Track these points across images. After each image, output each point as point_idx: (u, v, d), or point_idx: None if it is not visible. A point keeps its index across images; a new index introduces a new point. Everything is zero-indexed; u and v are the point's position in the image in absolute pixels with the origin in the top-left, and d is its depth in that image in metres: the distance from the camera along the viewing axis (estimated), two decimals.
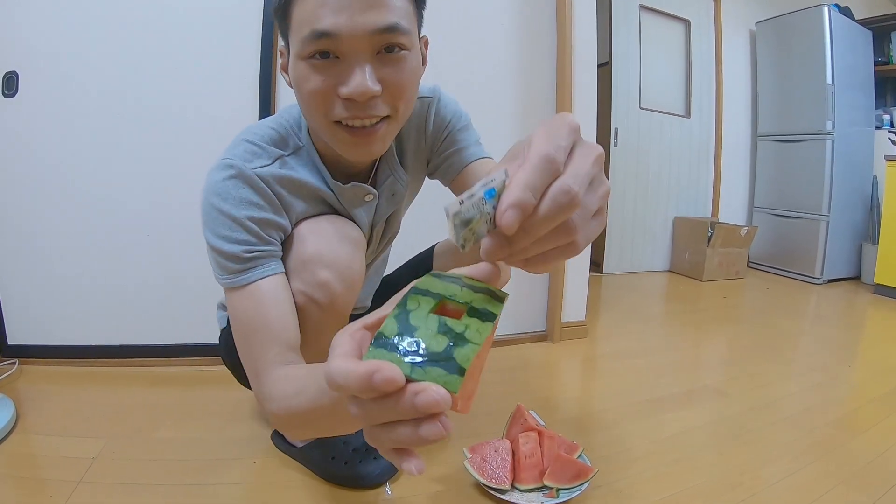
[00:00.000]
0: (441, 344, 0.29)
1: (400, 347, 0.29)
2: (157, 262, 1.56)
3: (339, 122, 0.69)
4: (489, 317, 0.32)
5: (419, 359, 0.28)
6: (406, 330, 0.30)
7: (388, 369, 0.27)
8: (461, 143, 0.94)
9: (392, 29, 0.63)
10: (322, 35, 0.62)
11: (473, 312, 0.32)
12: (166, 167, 1.54)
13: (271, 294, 0.73)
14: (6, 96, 1.45)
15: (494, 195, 0.30)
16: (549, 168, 0.29)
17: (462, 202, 0.30)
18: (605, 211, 0.35)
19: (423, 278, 0.34)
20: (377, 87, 0.65)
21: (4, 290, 1.53)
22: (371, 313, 0.35)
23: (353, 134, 0.70)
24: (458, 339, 0.30)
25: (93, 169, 1.51)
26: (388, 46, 0.65)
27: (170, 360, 1.58)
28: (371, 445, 0.31)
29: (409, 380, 0.27)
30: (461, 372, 0.28)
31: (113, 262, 1.55)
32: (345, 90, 0.65)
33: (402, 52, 0.66)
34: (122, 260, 1.55)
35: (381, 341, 0.30)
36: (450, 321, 0.30)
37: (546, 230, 0.30)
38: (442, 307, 0.32)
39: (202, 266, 0.80)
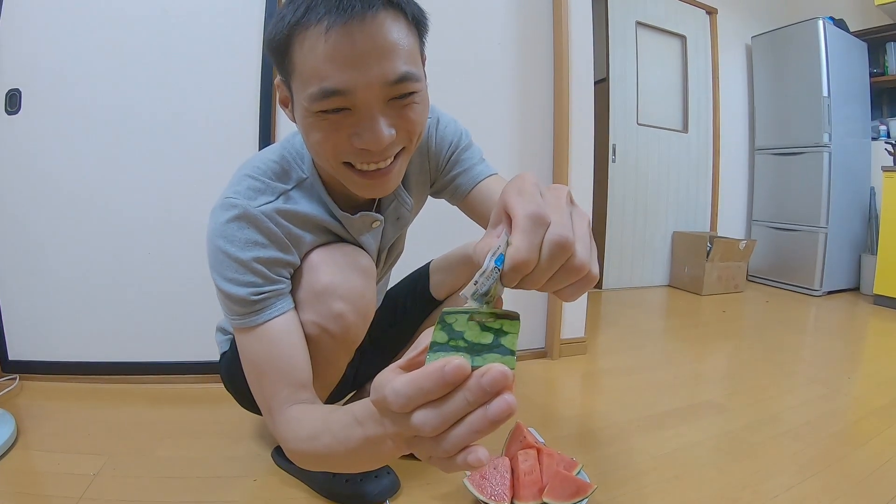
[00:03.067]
0: (488, 338, 0.34)
1: (454, 347, 0.34)
2: (158, 279, 1.57)
3: (350, 165, 0.68)
4: (514, 316, 0.36)
5: (474, 352, 0.33)
6: (454, 335, 0.35)
7: (455, 360, 0.31)
8: (466, 162, 0.94)
9: (403, 79, 0.61)
10: (333, 94, 0.59)
11: (501, 316, 0.36)
12: (168, 185, 1.56)
13: (281, 334, 0.73)
14: (9, 113, 1.48)
15: (503, 258, 0.35)
16: (538, 223, 0.34)
17: (476, 282, 0.35)
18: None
19: (444, 309, 0.38)
20: (392, 133, 0.64)
21: (6, 305, 1.54)
22: (401, 359, 0.38)
23: (367, 176, 0.69)
24: (499, 332, 0.35)
25: (95, 186, 1.53)
26: (401, 95, 0.63)
27: (170, 378, 1.58)
28: (438, 460, 0.34)
29: (472, 369, 0.31)
30: (513, 353, 0.33)
31: (115, 280, 1.56)
32: (360, 143, 0.63)
33: (414, 94, 0.64)
34: (124, 277, 1.56)
35: (436, 347, 0.34)
36: (487, 322, 0.35)
37: (550, 275, 0.35)
38: (472, 318, 0.37)
39: (204, 284, 0.80)
